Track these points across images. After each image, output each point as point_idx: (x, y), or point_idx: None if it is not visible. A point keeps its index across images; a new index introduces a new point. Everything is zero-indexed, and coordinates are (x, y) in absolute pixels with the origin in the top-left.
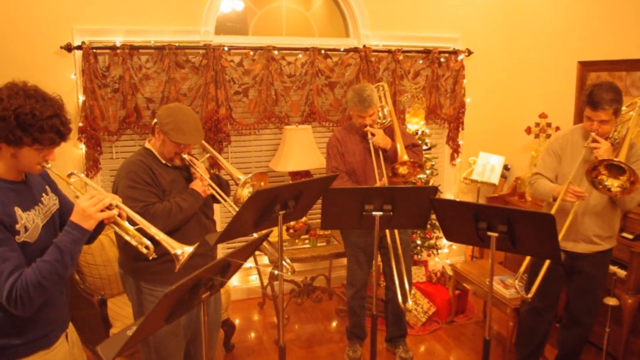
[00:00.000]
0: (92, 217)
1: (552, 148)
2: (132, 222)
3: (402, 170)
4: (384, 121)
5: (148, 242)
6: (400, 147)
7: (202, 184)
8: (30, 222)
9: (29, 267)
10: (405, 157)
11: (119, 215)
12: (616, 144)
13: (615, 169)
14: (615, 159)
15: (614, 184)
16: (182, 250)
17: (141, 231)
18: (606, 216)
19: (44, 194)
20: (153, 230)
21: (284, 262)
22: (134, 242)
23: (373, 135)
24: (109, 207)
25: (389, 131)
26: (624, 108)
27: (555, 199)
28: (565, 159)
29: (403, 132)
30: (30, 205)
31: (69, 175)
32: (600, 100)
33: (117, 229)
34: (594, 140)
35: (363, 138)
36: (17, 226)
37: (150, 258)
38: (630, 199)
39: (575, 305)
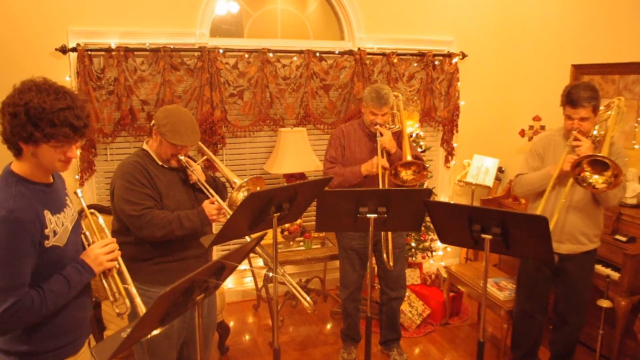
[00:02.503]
0: (103, 264)
1: (535, 149)
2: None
3: (406, 175)
4: (393, 126)
5: (128, 304)
6: (405, 150)
7: (216, 211)
8: (59, 225)
9: (35, 291)
10: (409, 158)
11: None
12: (596, 142)
13: (599, 165)
14: (598, 154)
15: (598, 180)
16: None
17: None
18: (591, 213)
19: (67, 198)
20: (134, 294)
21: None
22: (110, 297)
23: (381, 135)
24: (114, 259)
25: (396, 137)
26: (602, 108)
27: (558, 176)
28: (547, 159)
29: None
30: (60, 207)
31: (92, 213)
32: (578, 98)
33: (104, 280)
34: (576, 139)
35: (369, 137)
36: (47, 231)
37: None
38: (613, 195)
39: (563, 306)
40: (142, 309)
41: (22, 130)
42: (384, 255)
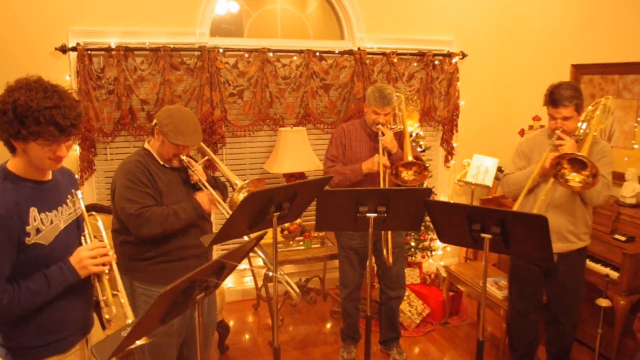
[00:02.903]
0: (87, 268)
1: (521, 149)
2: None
3: (407, 175)
4: (394, 126)
5: (114, 311)
6: (406, 150)
7: (207, 199)
8: (46, 223)
9: (11, 287)
10: (410, 158)
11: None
12: (580, 141)
13: (578, 164)
14: (577, 153)
15: (575, 178)
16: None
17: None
18: (575, 211)
19: (69, 196)
20: (125, 300)
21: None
22: (102, 302)
23: (383, 134)
24: (104, 264)
25: (397, 137)
26: (589, 108)
27: (540, 175)
28: (533, 159)
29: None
30: (52, 206)
31: (90, 215)
32: (559, 97)
33: (97, 283)
34: (559, 138)
35: (370, 137)
36: (28, 228)
37: (106, 324)
38: (597, 193)
39: (555, 305)
40: (130, 317)
41: (10, 127)
42: (384, 252)
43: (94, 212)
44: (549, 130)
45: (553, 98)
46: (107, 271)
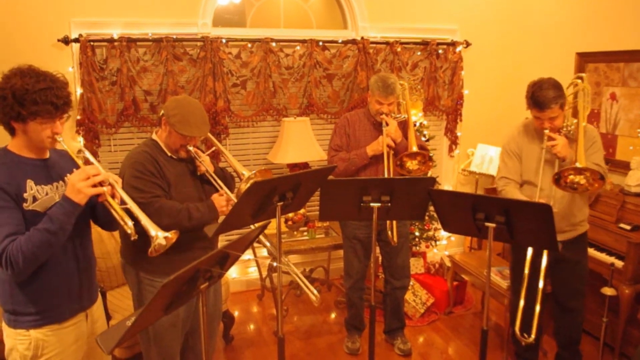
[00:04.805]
0: (81, 191)
1: (510, 149)
2: (122, 202)
3: (411, 165)
4: (399, 116)
5: (131, 223)
6: (410, 140)
7: (225, 202)
8: (42, 193)
9: (23, 235)
10: (415, 149)
11: (112, 195)
12: (570, 135)
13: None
14: (578, 165)
15: (581, 179)
16: (156, 233)
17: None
18: (575, 203)
19: (68, 174)
20: (137, 211)
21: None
22: (120, 222)
23: (387, 124)
24: (102, 184)
25: (401, 127)
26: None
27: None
28: (525, 158)
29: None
30: (48, 180)
31: (78, 152)
32: (544, 100)
33: (107, 205)
34: (550, 138)
35: (374, 127)
36: (25, 195)
37: (132, 239)
38: None
39: (562, 293)
40: (148, 225)
41: (10, 110)
42: (389, 233)
43: (82, 148)
44: (533, 125)
45: (537, 101)
46: (105, 189)
